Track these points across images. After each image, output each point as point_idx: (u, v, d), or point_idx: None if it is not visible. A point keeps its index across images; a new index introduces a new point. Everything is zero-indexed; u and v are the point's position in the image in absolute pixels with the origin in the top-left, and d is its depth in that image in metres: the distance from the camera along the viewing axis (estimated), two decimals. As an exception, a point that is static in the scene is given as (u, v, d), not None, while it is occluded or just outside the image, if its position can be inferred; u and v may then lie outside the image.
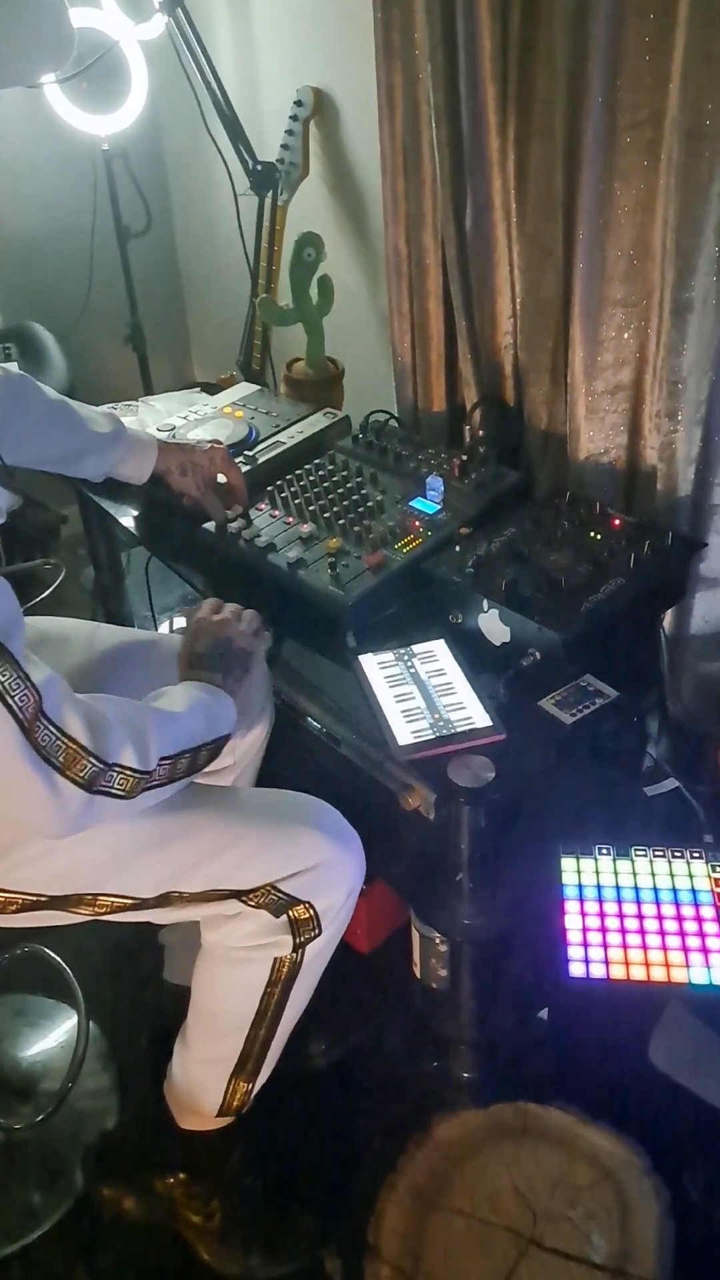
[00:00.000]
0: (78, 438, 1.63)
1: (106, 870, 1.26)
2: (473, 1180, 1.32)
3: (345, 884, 1.36)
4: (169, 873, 1.28)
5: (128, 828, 1.24)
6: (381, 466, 1.80)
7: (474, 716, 1.37)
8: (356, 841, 1.37)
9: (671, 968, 1.27)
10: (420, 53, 1.71)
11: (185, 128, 2.68)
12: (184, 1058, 1.49)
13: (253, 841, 1.29)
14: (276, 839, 1.31)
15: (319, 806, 1.38)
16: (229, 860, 1.28)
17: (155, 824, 1.26)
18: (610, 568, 1.49)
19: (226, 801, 1.35)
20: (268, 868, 1.30)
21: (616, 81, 1.45)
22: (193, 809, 1.30)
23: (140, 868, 1.27)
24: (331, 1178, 1.58)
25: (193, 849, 1.28)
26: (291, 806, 1.37)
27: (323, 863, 1.32)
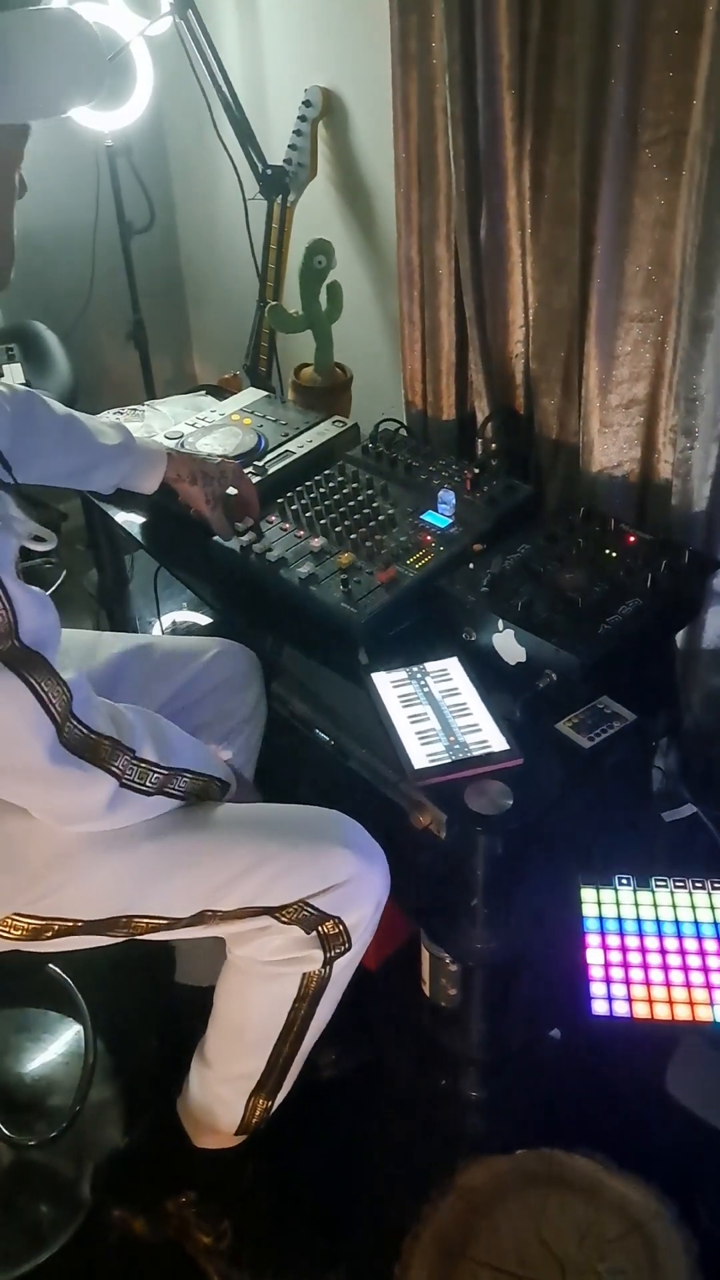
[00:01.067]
0: (87, 452, 1.60)
1: (141, 891, 1.27)
2: (499, 1231, 1.31)
3: (374, 897, 1.36)
4: (204, 891, 1.28)
5: (161, 847, 1.26)
6: (391, 478, 1.79)
7: (490, 739, 1.36)
8: (381, 855, 1.37)
9: (695, 1005, 1.26)
10: (438, 61, 1.69)
11: (190, 125, 2.66)
12: (203, 1075, 1.47)
13: (285, 859, 1.30)
14: (308, 856, 1.31)
15: (345, 822, 1.37)
16: (262, 877, 1.28)
17: (188, 843, 1.28)
18: (627, 587, 1.48)
19: (255, 819, 1.36)
20: (300, 884, 1.30)
21: (639, 96, 1.43)
22: (223, 827, 1.31)
23: (175, 887, 1.28)
24: (341, 1198, 1.57)
25: (227, 867, 1.28)
26: (319, 823, 1.37)
27: (352, 878, 1.32)
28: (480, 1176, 1.40)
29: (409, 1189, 1.47)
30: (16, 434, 1.46)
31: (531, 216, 1.70)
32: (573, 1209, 1.33)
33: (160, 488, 1.71)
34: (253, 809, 1.38)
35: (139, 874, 1.26)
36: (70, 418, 1.59)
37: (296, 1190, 1.56)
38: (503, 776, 1.30)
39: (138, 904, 1.27)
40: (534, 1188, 1.36)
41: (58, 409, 1.58)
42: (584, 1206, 1.34)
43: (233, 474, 1.73)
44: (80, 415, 1.62)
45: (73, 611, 2.68)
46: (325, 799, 1.49)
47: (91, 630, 1.68)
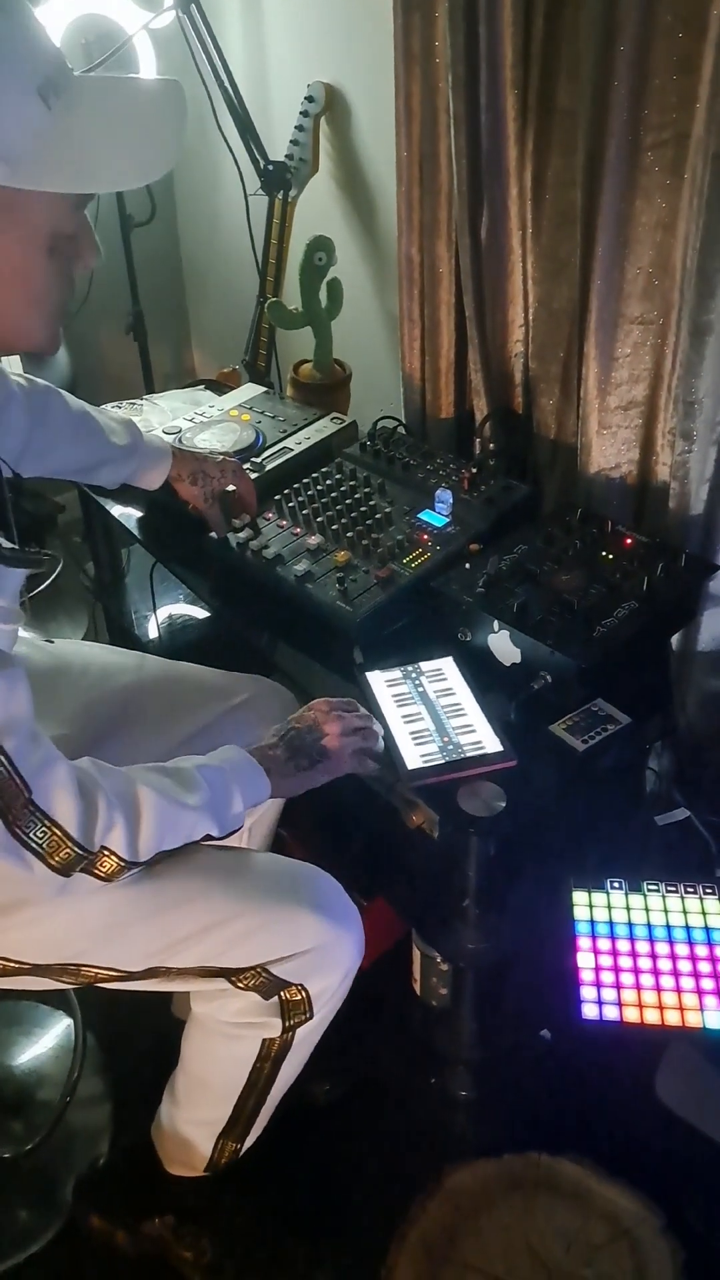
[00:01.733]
0: (97, 450, 1.60)
1: (94, 941, 1.22)
2: (486, 1234, 1.31)
3: (341, 967, 1.31)
4: (158, 947, 1.23)
5: (119, 897, 1.20)
6: (389, 476, 1.79)
7: (484, 741, 1.36)
8: (355, 921, 1.31)
9: (685, 1011, 1.26)
10: (441, 60, 1.68)
11: (192, 118, 2.60)
12: (172, 1112, 1.47)
13: (247, 921, 1.24)
14: (272, 920, 1.25)
15: (319, 884, 1.31)
16: (221, 938, 1.23)
17: (148, 894, 1.22)
18: (623, 590, 1.48)
19: (223, 873, 1.28)
20: (261, 949, 1.25)
21: (642, 98, 1.43)
22: (187, 879, 1.24)
23: (129, 941, 1.23)
24: (327, 1196, 1.58)
25: (184, 924, 1.23)
26: (290, 882, 1.30)
27: (318, 946, 1.26)
28: (467, 1179, 1.40)
29: (396, 1189, 1.47)
30: (33, 427, 1.46)
31: (533, 217, 1.70)
32: (560, 1214, 1.34)
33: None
34: (224, 858, 1.31)
35: (91, 924, 1.21)
36: (84, 414, 1.59)
37: (283, 1188, 1.56)
38: (496, 778, 1.30)
39: (88, 954, 1.23)
40: (521, 1192, 1.36)
41: (73, 405, 1.58)
42: (571, 1212, 1.34)
43: (231, 471, 1.72)
44: (93, 411, 1.62)
45: (68, 604, 2.67)
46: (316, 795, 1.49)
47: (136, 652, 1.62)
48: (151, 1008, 1.71)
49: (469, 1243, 1.32)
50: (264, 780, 1.25)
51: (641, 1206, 1.35)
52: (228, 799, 1.21)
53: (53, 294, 1.07)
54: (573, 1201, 1.36)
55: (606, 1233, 1.32)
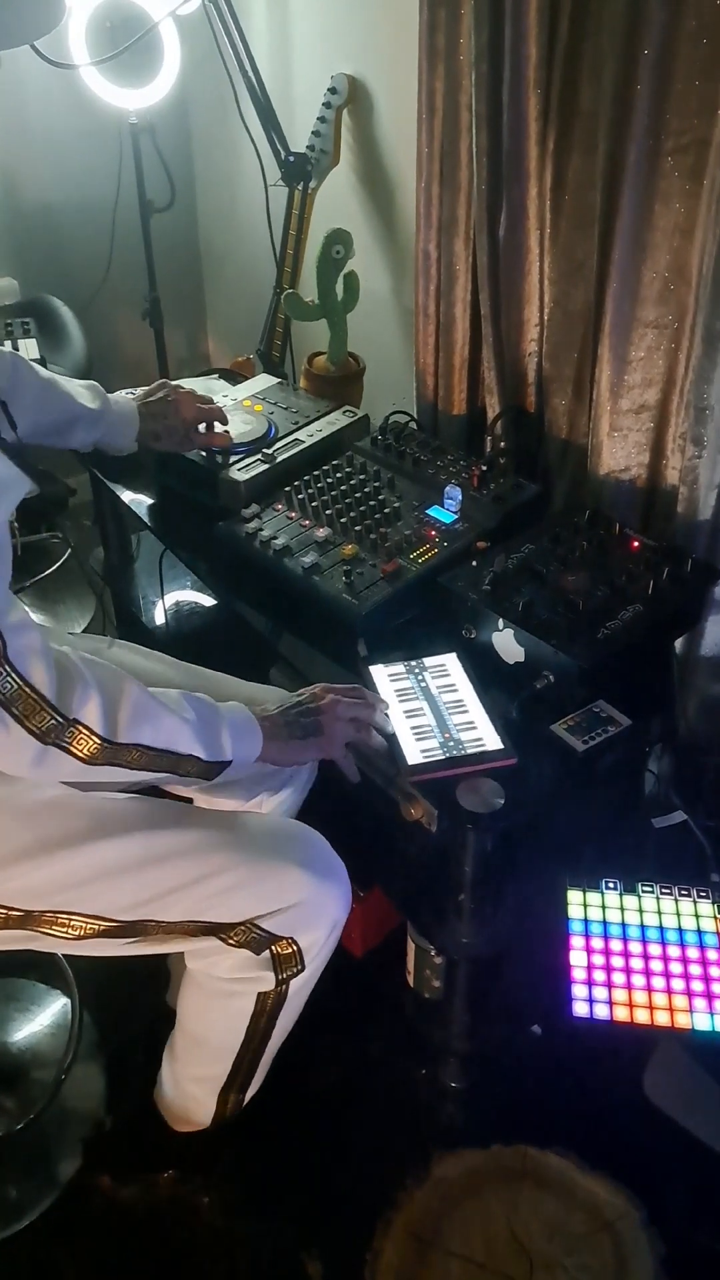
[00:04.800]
0: (68, 409, 1.65)
1: (84, 889, 1.24)
2: (471, 1222, 1.33)
3: (328, 919, 1.34)
4: (147, 896, 1.25)
5: (110, 847, 1.23)
6: (399, 471, 1.80)
7: (485, 738, 1.37)
8: (341, 874, 1.35)
9: (675, 1012, 1.27)
10: (465, 58, 1.69)
11: (214, 106, 2.65)
12: (173, 1072, 1.50)
13: (234, 875, 1.27)
14: (258, 875, 1.28)
15: (305, 839, 1.35)
16: (208, 891, 1.26)
17: (138, 845, 1.25)
18: (628, 592, 1.49)
19: (213, 829, 1.32)
20: (248, 904, 1.28)
21: (663, 103, 1.43)
22: (177, 832, 1.28)
23: (118, 888, 1.25)
24: (316, 1181, 1.59)
25: (173, 875, 1.25)
26: (277, 839, 1.34)
27: (305, 900, 1.30)
28: (455, 1168, 1.41)
29: (384, 1176, 1.49)
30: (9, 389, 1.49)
31: (551, 217, 1.70)
32: (544, 1205, 1.35)
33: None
34: (212, 818, 1.35)
35: (83, 873, 1.23)
36: (51, 380, 1.64)
37: (273, 1171, 1.58)
38: (496, 775, 1.31)
39: (78, 900, 1.24)
40: (507, 1182, 1.38)
41: (41, 372, 1.63)
42: (555, 1203, 1.36)
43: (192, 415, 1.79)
44: (61, 379, 1.66)
45: (76, 588, 2.69)
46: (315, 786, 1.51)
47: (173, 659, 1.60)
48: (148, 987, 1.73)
49: (454, 1230, 1.34)
50: (257, 736, 1.28)
51: (624, 1200, 1.37)
52: (216, 730, 1.23)
53: None
54: (557, 1193, 1.37)
55: (589, 1224, 1.34)
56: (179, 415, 1.78)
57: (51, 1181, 1.59)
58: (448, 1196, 1.38)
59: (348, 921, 1.79)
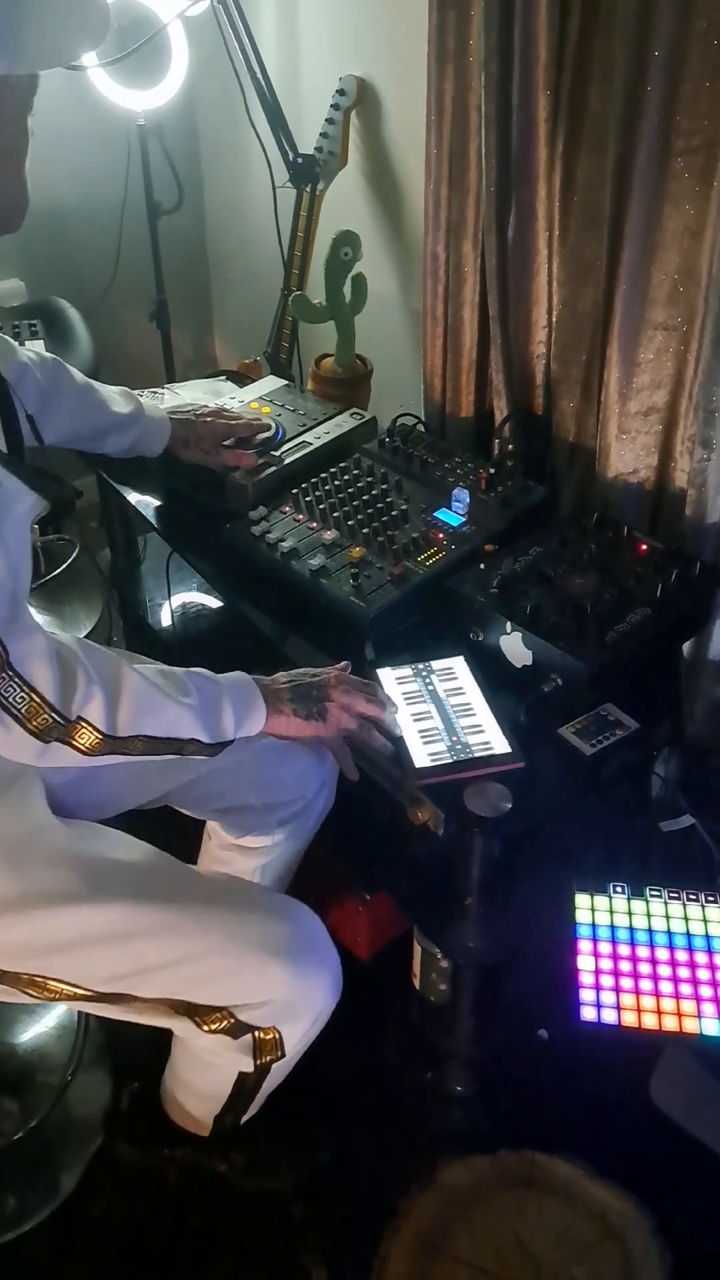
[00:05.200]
0: (103, 418, 1.66)
1: (62, 955, 1.22)
2: (478, 1229, 1.32)
3: (311, 1014, 1.30)
4: (124, 971, 1.23)
5: (94, 915, 1.20)
6: (407, 473, 1.79)
7: (493, 742, 1.36)
8: (329, 964, 1.31)
9: (683, 1017, 1.27)
10: (475, 59, 1.68)
11: (222, 107, 2.65)
12: (171, 1089, 1.50)
13: (215, 962, 1.24)
14: (239, 965, 1.24)
15: (295, 926, 1.30)
16: (187, 974, 1.23)
17: (122, 916, 1.22)
18: (636, 595, 1.48)
19: (199, 905, 1.27)
20: (227, 993, 1.25)
21: (674, 104, 1.43)
22: (164, 907, 1.24)
23: (95, 959, 1.22)
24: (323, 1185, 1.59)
25: (153, 953, 1.22)
26: (265, 925, 1.28)
27: (286, 996, 1.26)
28: (462, 1174, 1.41)
29: (390, 1181, 1.49)
30: (44, 399, 1.53)
31: (560, 218, 1.70)
32: (551, 1212, 1.35)
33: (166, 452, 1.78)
34: (202, 891, 1.31)
35: (65, 936, 1.20)
36: (89, 386, 1.66)
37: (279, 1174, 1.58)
38: (503, 779, 1.31)
39: (56, 967, 1.22)
40: (514, 1189, 1.38)
41: (78, 377, 1.64)
42: (562, 1210, 1.35)
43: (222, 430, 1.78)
44: (96, 384, 1.68)
45: (84, 588, 2.68)
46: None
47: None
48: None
49: (461, 1236, 1.34)
50: (260, 708, 1.27)
51: (632, 1207, 1.36)
52: (218, 709, 1.23)
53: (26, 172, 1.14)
54: (564, 1200, 1.37)
55: (597, 1232, 1.33)
56: (208, 427, 1.77)
57: (56, 1185, 1.59)
58: (455, 1203, 1.37)
59: (353, 925, 1.80)
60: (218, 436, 1.77)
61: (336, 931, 1.83)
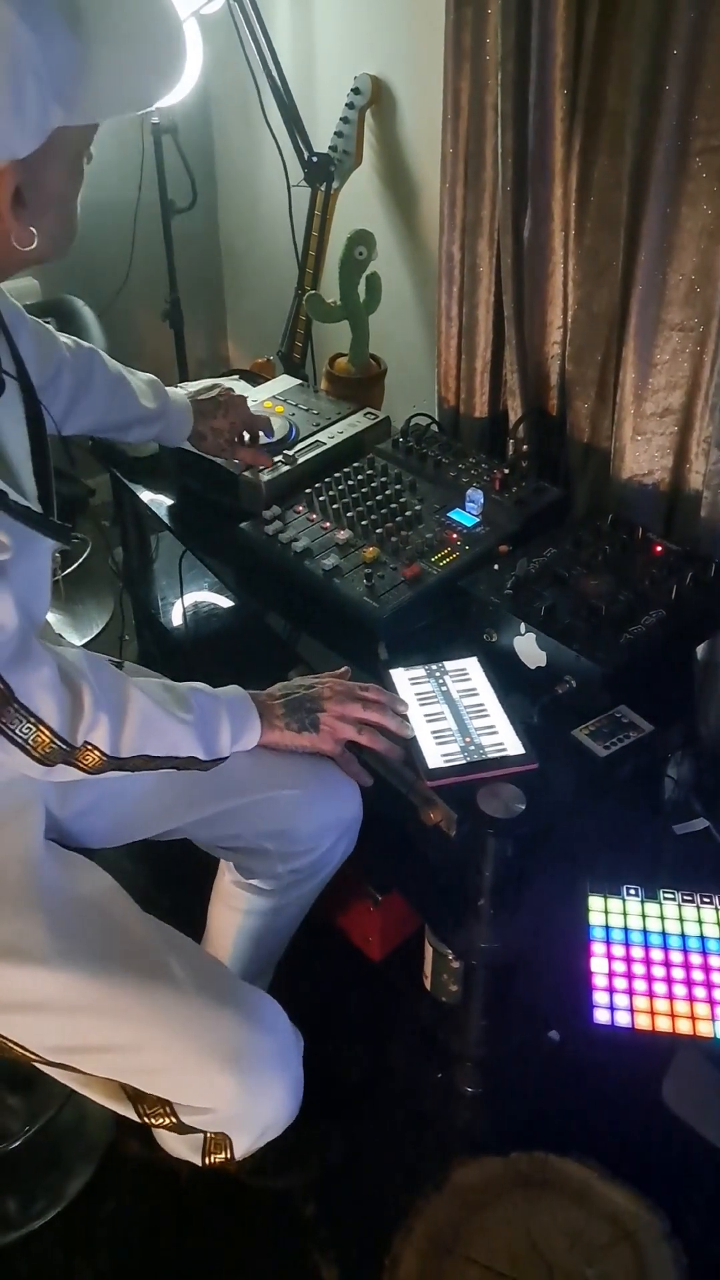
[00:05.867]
0: (131, 411, 1.64)
1: (11, 1014, 1.17)
2: (490, 1230, 1.32)
3: (257, 1127, 1.22)
4: (71, 1044, 1.18)
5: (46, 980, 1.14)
6: (420, 474, 1.79)
7: (506, 743, 1.36)
8: (287, 1082, 1.21)
9: (696, 1020, 1.26)
10: (491, 57, 1.67)
11: (236, 106, 2.65)
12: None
13: (160, 1056, 1.17)
14: (185, 1066, 1.17)
15: (254, 1034, 1.19)
16: (132, 1062, 1.18)
17: (74, 987, 1.15)
18: (651, 597, 1.48)
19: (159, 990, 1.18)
20: (168, 1089, 1.19)
21: (692, 104, 1.42)
22: (120, 986, 1.17)
23: (44, 1026, 1.17)
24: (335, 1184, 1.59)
25: (99, 1033, 1.17)
26: (227, 1027, 1.18)
27: (231, 1110, 1.19)
28: (474, 1175, 1.41)
29: (401, 1181, 1.49)
30: (78, 389, 1.53)
31: (576, 218, 1.69)
32: (564, 1213, 1.34)
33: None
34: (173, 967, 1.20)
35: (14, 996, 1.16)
36: (120, 379, 1.63)
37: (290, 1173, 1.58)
38: (517, 780, 1.31)
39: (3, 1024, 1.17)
40: (526, 1190, 1.37)
41: (111, 368, 1.62)
42: (575, 1212, 1.35)
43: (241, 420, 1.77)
44: (128, 375, 1.65)
45: (96, 587, 2.69)
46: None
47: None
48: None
49: (473, 1237, 1.33)
50: (256, 723, 1.27)
51: (645, 1210, 1.35)
52: (216, 727, 1.23)
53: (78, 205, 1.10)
54: (577, 1202, 1.36)
55: (610, 1234, 1.33)
56: (226, 418, 1.76)
57: (66, 1183, 1.59)
58: (467, 1203, 1.37)
59: (365, 926, 1.80)
60: (235, 428, 1.76)
61: (348, 932, 1.84)
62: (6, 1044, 1.18)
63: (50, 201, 1.02)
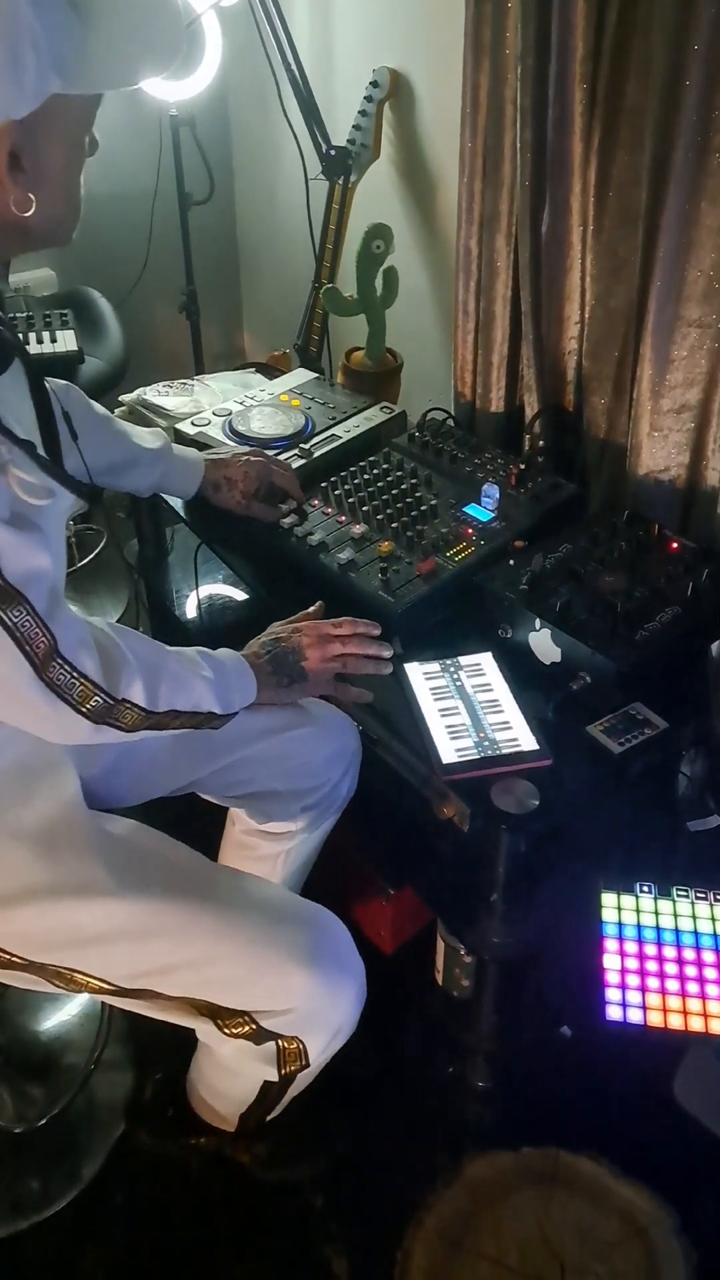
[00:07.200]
0: (125, 450, 1.58)
1: (88, 949, 1.21)
2: (501, 1225, 1.32)
3: (334, 1023, 1.28)
4: (146, 969, 1.22)
5: (118, 910, 1.19)
6: (436, 468, 1.79)
7: (520, 738, 1.36)
8: (355, 973, 1.28)
9: (709, 1018, 1.26)
10: (511, 52, 1.67)
11: (254, 99, 2.65)
12: (198, 1084, 1.50)
13: (235, 965, 1.22)
14: (261, 970, 1.22)
15: (320, 934, 1.27)
16: (208, 976, 1.22)
17: (145, 913, 1.21)
18: (667, 594, 1.48)
19: (221, 906, 1.25)
20: (247, 997, 1.23)
21: (712, 99, 1.41)
22: (185, 906, 1.23)
23: (118, 955, 1.21)
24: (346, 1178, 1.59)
25: (173, 953, 1.21)
26: (288, 930, 1.26)
27: (308, 1005, 1.24)
28: (485, 1170, 1.41)
29: (412, 1175, 1.49)
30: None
31: (595, 214, 1.69)
32: (575, 1209, 1.35)
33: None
34: (228, 886, 1.29)
35: (89, 931, 1.20)
36: (107, 417, 1.57)
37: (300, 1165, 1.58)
38: (531, 776, 1.31)
39: (81, 960, 1.21)
40: (538, 1185, 1.37)
41: (96, 408, 1.56)
42: (586, 1208, 1.35)
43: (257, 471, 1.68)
44: (114, 418, 1.60)
45: (111, 579, 2.70)
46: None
47: None
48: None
49: (484, 1232, 1.34)
50: (252, 682, 1.33)
51: (656, 1207, 1.36)
52: (228, 684, 1.29)
53: (80, 187, 1.09)
54: (588, 1197, 1.37)
55: (620, 1230, 1.33)
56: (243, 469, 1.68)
57: (78, 1172, 1.60)
58: (478, 1198, 1.37)
59: (377, 919, 1.80)
60: (251, 481, 1.68)
61: (360, 925, 1.84)
62: (83, 979, 1.22)
63: (48, 172, 1.02)
